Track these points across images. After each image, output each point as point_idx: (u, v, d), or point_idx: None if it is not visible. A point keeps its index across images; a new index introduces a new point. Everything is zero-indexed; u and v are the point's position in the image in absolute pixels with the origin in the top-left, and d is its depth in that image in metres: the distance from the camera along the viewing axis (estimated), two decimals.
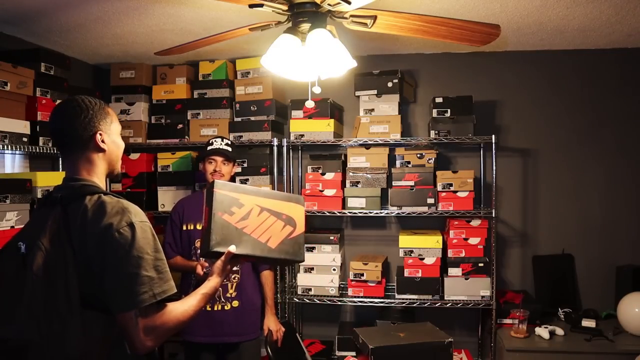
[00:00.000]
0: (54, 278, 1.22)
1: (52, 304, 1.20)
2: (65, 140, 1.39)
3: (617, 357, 2.71)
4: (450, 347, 1.89)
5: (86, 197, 1.31)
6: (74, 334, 1.20)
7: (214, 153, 2.57)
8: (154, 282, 1.25)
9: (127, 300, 1.23)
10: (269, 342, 2.58)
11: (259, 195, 1.54)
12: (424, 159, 3.17)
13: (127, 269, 1.23)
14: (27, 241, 1.28)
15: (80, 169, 1.40)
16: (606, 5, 2.44)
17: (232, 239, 1.45)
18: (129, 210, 1.30)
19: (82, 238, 1.25)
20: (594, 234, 3.29)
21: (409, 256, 3.08)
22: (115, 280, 1.23)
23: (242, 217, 1.48)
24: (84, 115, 1.38)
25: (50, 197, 1.37)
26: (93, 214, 1.27)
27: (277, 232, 1.52)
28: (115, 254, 1.24)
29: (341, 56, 1.80)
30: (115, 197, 1.34)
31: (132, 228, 1.26)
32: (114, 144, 1.45)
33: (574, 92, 3.32)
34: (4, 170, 2.85)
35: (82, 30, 2.79)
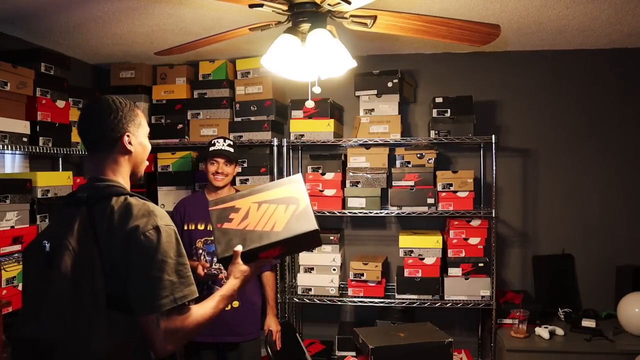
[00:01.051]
0: (81, 278, 1.22)
1: (79, 303, 1.21)
2: (93, 139, 1.40)
3: (617, 357, 2.71)
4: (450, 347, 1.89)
5: (112, 198, 1.31)
6: (100, 334, 1.20)
7: (216, 154, 2.56)
8: (175, 286, 1.26)
9: (148, 304, 1.23)
10: (269, 342, 2.59)
11: (253, 194, 1.55)
12: (424, 159, 3.17)
13: (151, 272, 1.24)
14: (51, 240, 1.28)
15: (106, 169, 1.40)
16: (606, 5, 2.44)
17: (237, 241, 1.46)
18: (155, 214, 1.30)
19: (109, 239, 1.26)
20: (594, 234, 3.29)
21: (409, 256, 3.08)
22: (138, 283, 1.24)
23: (242, 218, 1.49)
24: (113, 116, 1.38)
25: (74, 197, 1.36)
26: (119, 215, 1.28)
27: (281, 216, 1.49)
28: (140, 256, 1.24)
29: (341, 56, 1.80)
30: (141, 199, 1.35)
31: (157, 231, 1.27)
32: (141, 146, 1.45)
33: (574, 92, 3.32)
34: (4, 170, 2.86)
35: (82, 30, 2.79)
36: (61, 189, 2.74)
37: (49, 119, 2.67)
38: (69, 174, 2.82)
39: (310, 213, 1.50)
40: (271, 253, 1.50)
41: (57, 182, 2.72)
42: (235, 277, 1.45)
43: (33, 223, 2.55)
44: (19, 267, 2.45)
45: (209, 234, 2.58)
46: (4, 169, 2.86)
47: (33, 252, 1.32)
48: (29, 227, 2.50)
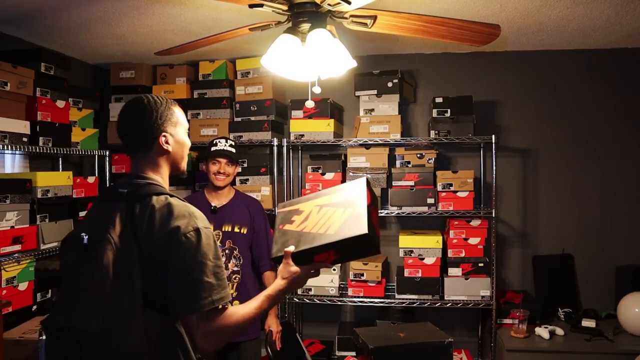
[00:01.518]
0: (121, 273, 1.23)
1: (117, 298, 1.21)
2: (130, 140, 1.40)
3: (617, 357, 2.71)
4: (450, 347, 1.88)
5: (152, 196, 1.32)
6: (135, 331, 1.21)
7: (219, 154, 2.56)
8: (213, 288, 1.27)
9: (189, 304, 1.25)
10: (269, 342, 2.59)
11: (318, 197, 1.55)
12: (424, 159, 3.17)
13: (191, 273, 1.26)
14: (90, 232, 1.28)
15: (145, 168, 1.40)
16: (606, 5, 2.44)
17: (292, 242, 1.46)
18: (195, 216, 1.32)
19: (149, 238, 1.27)
20: (594, 234, 3.29)
21: (409, 256, 3.08)
22: (178, 283, 1.25)
23: (302, 220, 1.50)
24: (149, 117, 1.38)
25: (114, 191, 1.36)
26: (161, 215, 1.29)
27: (337, 219, 1.46)
28: (180, 257, 1.26)
29: (341, 56, 1.80)
30: (181, 201, 1.36)
31: (198, 233, 1.28)
32: (178, 144, 1.44)
33: (574, 92, 3.32)
34: (4, 170, 2.86)
35: (82, 30, 2.79)
36: (61, 189, 2.74)
37: (49, 119, 2.67)
38: (69, 174, 2.82)
39: (364, 217, 1.43)
40: (325, 257, 1.46)
41: (57, 182, 2.72)
42: (283, 277, 1.44)
43: (33, 223, 2.55)
44: (19, 267, 2.45)
45: None
46: (4, 169, 2.86)
47: (71, 244, 1.32)
48: (29, 227, 2.50)
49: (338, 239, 1.41)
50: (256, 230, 2.65)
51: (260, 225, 2.67)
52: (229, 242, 2.58)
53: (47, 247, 2.61)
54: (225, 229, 2.59)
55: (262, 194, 3.19)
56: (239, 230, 2.60)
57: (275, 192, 3.17)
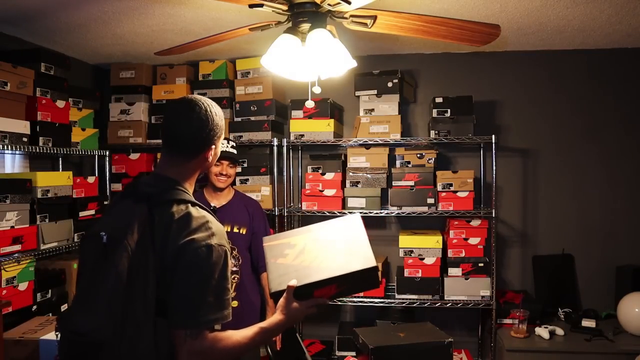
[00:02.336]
0: (135, 281, 1.21)
1: (131, 307, 1.20)
2: (177, 143, 1.36)
3: (617, 357, 2.71)
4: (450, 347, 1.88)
5: (174, 204, 1.29)
6: (146, 340, 1.20)
7: (222, 156, 2.56)
8: (209, 307, 1.24)
9: (180, 318, 1.23)
10: (268, 342, 2.58)
11: (310, 231, 1.52)
12: (424, 159, 3.17)
13: (190, 288, 1.24)
14: (109, 232, 1.26)
15: (177, 172, 1.37)
16: (606, 5, 2.44)
17: (292, 275, 1.39)
18: (211, 230, 1.29)
19: (164, 247, 1.25)
20: (594, 234, 3.29)
21: (409, 256, 3.08)
22: (177, 296, 1.24)
23: (298, 254, 1.45)
24: (206, 126, 1.34)
25: (137, 190, 1.34)
26: (178, 225, 1.26)
27: (338, 253, 1.44)
28: (185, 270, 1.24)
29: (341, 56, 1.80)
30: (202, 211, 1.33)
31: (209, 250, 1.25)
32: (215, 157, 1.44)
33: (574, 92, 3.32)
34: (4, 170, 2.86)
35: (82, 30, 2.79)
36: (61, 189, 2.74)
37: (49, 119, 2.67)
38: (69, 174, 2.82)
39: (369, 250, 1.42)
40: (326, 292, 1.41)
41: (57, 182, 2.72)
42: (282, 312, 1.37)
43: (33, 223, 2.55)
44: (19, 267, 2.45)
45: None
46: (4, 169, 2.86)
47: (90, 243, 1.30)
48: (29, 227, 2.50)
49: (345, 272, 1.37)
50: (255, 230, 2.65)
51: (259, 226, 2.67)
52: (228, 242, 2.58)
53: (47, 247, 2.60)
54: (225, 229, 2.58)
55: (262, 194, 3.19)
56: (238, 230, 2.60)
57: (275, 192, 3.17)
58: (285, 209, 3.25)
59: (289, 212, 3.32)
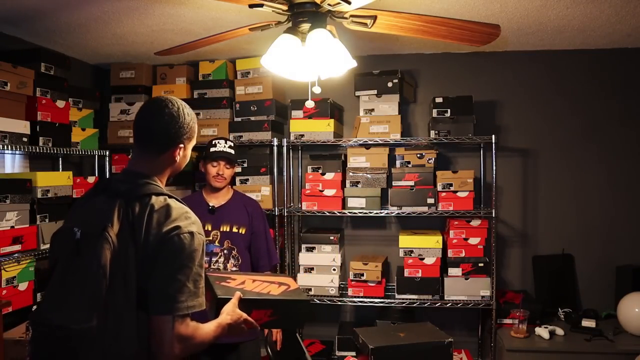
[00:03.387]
0: (116, 273, 1.23)
1: (112, 299, 1.21)
2: (146, 139, 1.40)
3: (617, 357, 2.71)
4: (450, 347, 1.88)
5: (152, 196, 1.32)
6: (128, 332, 1.22)
7: (219, 156, 2.56)
8: (190, 294, 1.27)
9: (166, 305, 1.25)
10: (268, 342, 2.58)
11: (247, 274, 1.76)
12: (424, 159, 3.17)
13: (175, 274, 1.26)
14: (83, 227, 1.26)
15: (148, 167, 1.40)
16: (606, 5, 2.44)
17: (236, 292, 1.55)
18: (191, 219, 1.33)
19: (146, 238, 1.26)
20: (594, 234, 3.29)
21: (409, 256, 3.08)
22: (161, 282, 1.25)
23: (239, 283, 1.63)
24: (176, 123, 1.39)
25: (110, 187, 1.35)
26: (159, 215, 1.29)
27: (275, 289, 1.66)
28: (168, 256, 1.27)
29: (341, 56, 1.80)
30: (179, 202, 1.37)
31: (191, 237, 1.29)
32: (184, 158, 1.47)
33: (574, 92, 3.32)
34: (4, 170, 2.85)
35: (82, 30, 2.79)
36: (61, 189, 2.74)
37: (49, 119, 2.67)
38: (69, 174, 2.82)
39: (302, 292, 1.71)
40: (262, 315, 1.57)
41: (57, 182, 2.72)
42: (228, 314, 1.46)
43: (33, 223, 2.55)
44: (19, 267, 2.45)
45: (206, 234, 2.58)
46: (4, 169, 2.86)
47: (62, 238, 1.31)
48: (29, 227, 2.50)
49: (283, 298, 1.62)
50: (255, 230, 2.65)
51: (259, 225, 2.67)
52: (227, 242, 2.58)
53: (47, 247, 2.60)
54: (224, 229, 2.58)
55: (262, 194, 3.19)
56: (237, 230, 2.60)
57: (275, 192, 3.17)
58: (285, 209, 3.25)
59: (289, 212, 3.32)
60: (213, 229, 2.58)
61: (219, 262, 2.56)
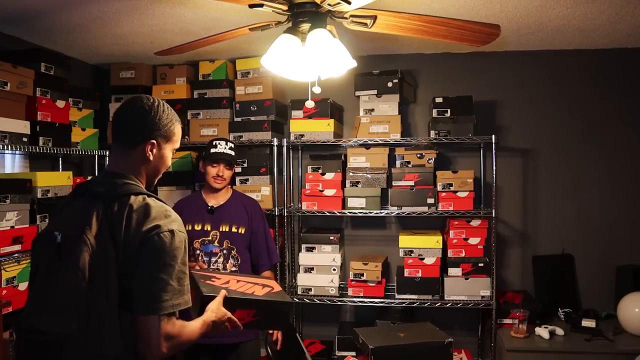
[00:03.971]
0: (97, 275, 1.22)
1: (93, 301, 1.21)
2: (119, 134, 1.40)
3: (617, 357, 2.71)
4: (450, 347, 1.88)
5: (130, 196, 1.31)
6: (111, 333, 1.21)
7: (219, 158, 2.56)
8: (175, 292, 1.27)
9: (151, 304, 1.24)
10: (269, 342, 2.58)
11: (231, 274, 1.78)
12: (424, 159, 3.17)
13: (158, 273, 1.26)
14: (63, 231, 1.27)
15: (124, 166, 1.39)
16: (606, 5, 2.44)
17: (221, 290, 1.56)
18: (172, 218, 1.32)
19: (126, 238, 1.26)
20: (594, 234, 3.29)
21: (409, 256, 3.08)
22: (144, 282, 1.25)
23: (224, 282, 1.63)
24: (146, 117, 1.37)
25: (89, 190, 1.35)
26: (138, 215, 1.28)
27: (259, 290, 1.67)
28: (150, 256, 1.26)
29: (341, 56, 1.80)
30: (159, 201, 1.36)
31: (172, 235, 1.28)
32: (161, 160, 1.43)
33: (574, 92, 3.31)
34: (4, 170, 2.85)
35: (82, 30, 2.79)
36: (61, 189, 2.74)
37: (49, 119, 2.67)
38: (69, 174, 2.82)
39: (285, 295, 1.74)
40: (245, 315, 1.57)
41: (57, 182, 2.72)
42: (213, 311, 1.46)
43: (33, 223, 2.55)
44: (19, 267, 2.45)
45: (206, 234, 2.58)
46: (4, 169, 2.86)
47: (43, 242, 1.31)
48: (29, 227, 2.50)
49: (267, 299, 1.63)
50: (254, 230, 2.65)
51: (258, 225, 2.67)
52: (226, 242, 2.58)
53: None
54: (223, 229, 2.58)
55: (262, 194, 3.19)
56: (236, 230, 2.60)
57: (275, 192, 3.17)
58: (285, 209, 3.25)
59: (289, 212, 3.32)
60: (212, 229, 2.58)
61: (219, 262, 2.56)
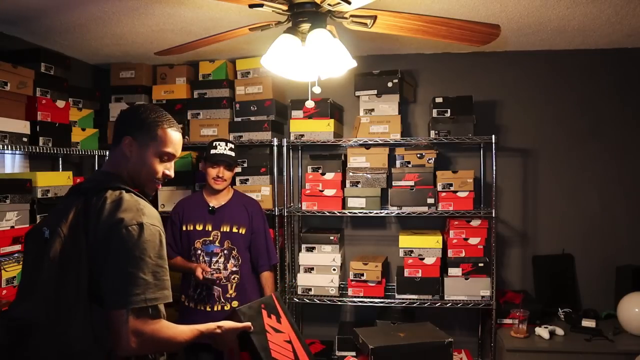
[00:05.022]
0: (67, 265, 1.24)
1: (63, 290, 1.23)
2: (112, 133, 1.47)
3: (617, 357, 2.71)
4: (450, 347, 1.88)
5: (108, 190, 1.34)
6: (80, 325, 1.21)
7: (218, 160, 2.56)
8: (149, 286, 1.24)
9: (120, 298, 1.22)
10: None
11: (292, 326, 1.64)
12: (424, 159, 3.16)
13: (126, 267, 1.24)
14: (50, 227, 1.31)
15: (110, 164, 1.45)
16: (606, 5, 2.44)
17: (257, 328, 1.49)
18: (143, 211, 1.30)
19: (95, 230, 1.27)
20: (594, 234, 3.29)
21: (409, 256, 3.08)
22: (112, 276, 1.24)
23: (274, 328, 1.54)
24: (130, 116, 1.44)
25: (78, 187, 1.41)
26: (109, 208, 1.29)
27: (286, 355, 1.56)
28: (117, 250, 1.25)
29: (341, 56, 1.80)
30: (136, 196, 1.36)
31: (140, 228, 1.26)
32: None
33: (574, 92, 3.31)
34: (4, 170, 2.85)
35: (82, 30, 2.79)
36: (61, 189, 2.74)
37: (49, 119, 2.67)
38: (69, 174, 2.82)
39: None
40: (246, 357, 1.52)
41: (57, 182, 2.72)
42: (221, 329, 1.46)
43: (33, 223, 2.54)
44: (19, 267, 2.45)
45: (207, 234, 2.58)
46: (4, 169, 2.86)
47: (33, 237, 1.36)
48: (29, 227, 2.50)
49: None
50: (255, 230, 2.65)
51: (258, 225, 2.67)
52: (227, 242, 2.58)
53: None
54: (224, 229, 2.59)
55: (262, 194, 3.19)
56: (237, 230, 2.60)
57: (275, 192, 3.17)
58: (285, 209, 3.25)
59: (289, 212, 3.32)
60: (213, 229, 2.59)
61: (219, 262, 2.56)
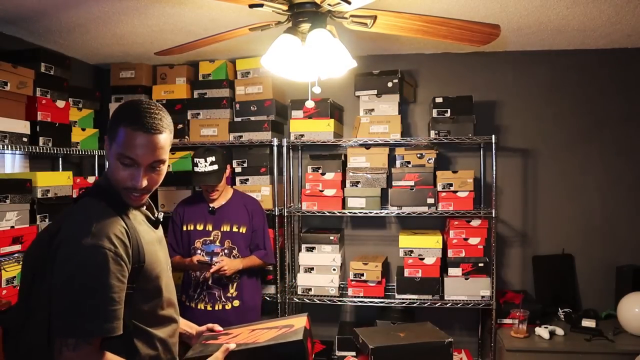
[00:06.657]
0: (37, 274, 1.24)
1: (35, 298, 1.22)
2: None
3: (617, 357, 2.71)
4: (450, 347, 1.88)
5: (86, 196, 1.32)
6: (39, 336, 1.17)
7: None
8: (84, 316, 1.10)
9: (56, 325, 1.11)
10: None
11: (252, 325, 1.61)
12: (424, 159, 3.16)
13: (66, 291, 1.12)
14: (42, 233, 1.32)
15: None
16: (606, 5, 2.44)
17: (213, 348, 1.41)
18: (91, 229, 1.15)
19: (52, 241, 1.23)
20: (594, 234, 3.29)
21: (409, 256, 3.08)
22: (54, 299, 1.14)
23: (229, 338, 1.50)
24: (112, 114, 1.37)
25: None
26: (65, 216, 1.26)
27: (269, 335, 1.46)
28: (58, 269, 1.14)
29: (341, 56, 1.80)
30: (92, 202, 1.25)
31: (77, 248, 1.13)
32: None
33: (573, 92, 3.31)
34: (4, 170, 2.85)
35: (82, 30, 2.79)
36: (61, 189, 2.74)
37: (49, 119, 2.67)
38: (69, 174, 2.82)
39: (300, 331, 1.43)
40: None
41: (57, 182, 2.72)
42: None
43: (33, 223, 2.54)
44: (19, 267, 2.45)
45: (207, 234, 2.59)
46: (4, 169, 2.86)
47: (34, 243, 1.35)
48: (29, 227, 2.50)
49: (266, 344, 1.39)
50: (255, 228, 2.66)
51: (258, 223, 2.68)
52: (228, 241, 2.58)
53: None
54: (224, 229, 2.59)
55: (262, 194, 3.19)
56: (237, 229, 2.60)
57: (275, 192, 3.17)
58: (285, 209, 3.25)
59: (289, 212, 3.32)
60: (214, 229, 2.59)
61: None
